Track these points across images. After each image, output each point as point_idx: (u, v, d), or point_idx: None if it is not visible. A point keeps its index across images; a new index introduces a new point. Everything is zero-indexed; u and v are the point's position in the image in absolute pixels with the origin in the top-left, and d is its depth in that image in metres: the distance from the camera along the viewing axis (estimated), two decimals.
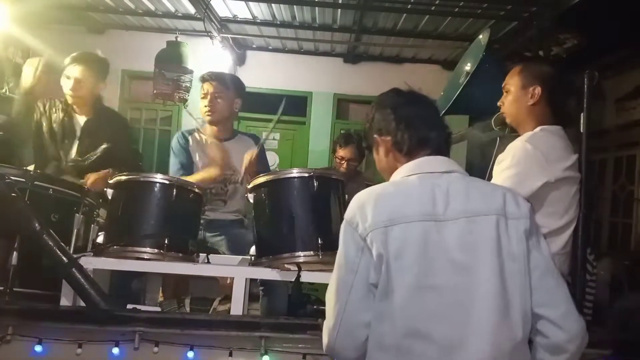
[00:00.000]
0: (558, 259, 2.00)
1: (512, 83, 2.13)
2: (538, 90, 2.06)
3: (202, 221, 2.28)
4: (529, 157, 1.93)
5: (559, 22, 4.67)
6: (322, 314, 2.63)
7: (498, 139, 2.90)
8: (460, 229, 1.29)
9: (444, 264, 1.27)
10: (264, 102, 5.50)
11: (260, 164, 2.63)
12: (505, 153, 2.02)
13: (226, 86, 2.76)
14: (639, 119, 6.61)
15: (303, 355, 1.85)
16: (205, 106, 2.74)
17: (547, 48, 5.01)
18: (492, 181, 2.04)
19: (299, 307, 2.58)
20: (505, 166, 1.97)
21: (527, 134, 2.03)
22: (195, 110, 5.88)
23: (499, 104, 2.20)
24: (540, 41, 4.96)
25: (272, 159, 6.63)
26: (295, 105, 6.52)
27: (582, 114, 2.08)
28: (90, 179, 2.60)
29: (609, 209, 6.42)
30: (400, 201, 1.33)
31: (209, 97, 2.73)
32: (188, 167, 2.72)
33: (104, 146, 2.75)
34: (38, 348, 1.80)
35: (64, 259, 1.85)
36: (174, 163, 2.75)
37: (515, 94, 2.12)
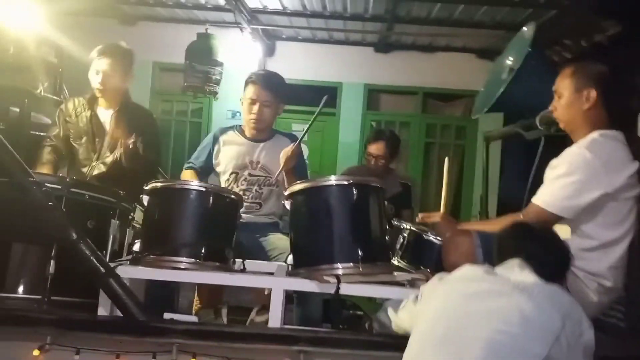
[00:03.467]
0: (612, 272, 1.89)
1: (565, 86, 2.00)
2: (593, 93, 1.93)
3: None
4: (587, 166, 1.82)
5: (600, 9, 4.46)
6: (357, 319, 2.59)
7: (542, 138, 2.78)
8: None
9: None
10: (294, 94, 5.43)
11: (297, 162, 2.55)
12: (561, 158, 1.91)
13: (275, 94, 2.64)
14: None
15: None
16: (252, 114, 2.62)
17: (589, 36, 4.80)
18: (544, 186, 1.94)
19: (334, 314, 2.53)
20: (561, 173, 1.86)
21: (585, 139, 1.90)
22: (226, 102, 5.90)
23: (550, 108, 2.08)
24: (581, 29, 4.75)
25: (302, 150, 6.57)
26: (329, 100, 6.43)
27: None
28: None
29: None
30: None
31: (257, 105, 2.61)
32: (202, 166, 2.70)
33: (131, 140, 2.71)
34: (76, 358, 1.80)
35: (101, 268, 1.83)
36: (195, 155, 2.74)
37: (568, 98, 1.99)
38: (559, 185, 1.86)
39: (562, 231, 1.93)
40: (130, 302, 1.81)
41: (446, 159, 2.47)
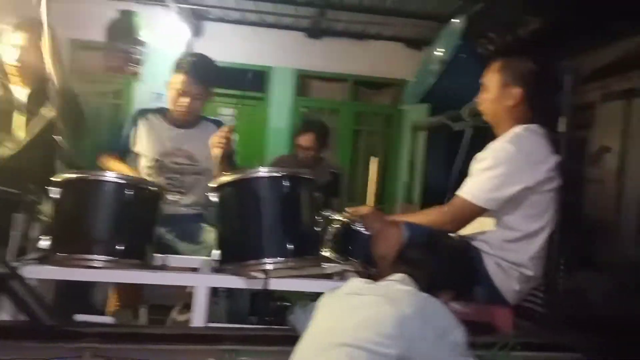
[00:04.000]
0: (533, 262, 1.96)
1: (492, 81, 2.04)
2: (518, 91, 1.98)
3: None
4: (510, 160, 1.86)
5: (524, 3, 4.62)
6: (285, 311, 2.54)
7: (468, 129, 2.84)
8: None
9: None
10: (223, 76, 5.25)
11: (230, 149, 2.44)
12: (485, 152, 1.94)
13: (207, 85, 2.49)
14: (593, 101, 6.78)
15: None
16: (180, 105, 2.45)
17: (513, 30, 4.97)
18: (469, 178, 1.97)
19: (262, 306, 2.47)
20: (486, 166, 1.89)
21: (509, 134, 1.95)
22: (151, 83, 5.61)
23: (476, 100, 2.12)
24: (506, 23, 4.91)
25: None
26: (254, 80, 6.28)
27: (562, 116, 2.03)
28: None
29: None
30: None
31: (186, 98, 2.44)
32: (123, 151, 2.54)
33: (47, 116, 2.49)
34: None
35: (2, 270, 1.65)
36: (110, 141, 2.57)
37: (494, 93, 2.03)
38: (483, 178, 1.89)
39: (487, 223, 1.97)
40: (36, 306, 1.65)
41: (372, 160, 2.46)
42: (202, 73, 2.45)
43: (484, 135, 2.48)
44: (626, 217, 6.87)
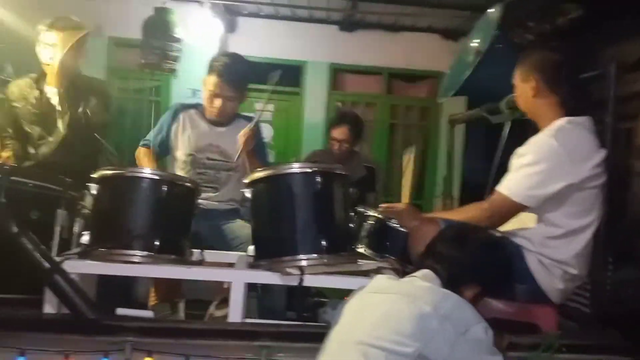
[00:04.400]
0: (578, 260, 1.89)
1: (516, 77, 2.02)
2: (534, 81, 1.92)
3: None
4: (553, 156, 1.79)
5: None
6: (322, 307, 2.53)
7: (507, 122, 2.76)
8: None
9: None
10: (256, 72, 5.28)
11: (257, 143, 2.45)
12: (527, 147, 1.87)
13: (240, 87, 2.50)
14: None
15: None
16: (214, 107, 2.48)
17: (551, 19, 4.81)
18: (509, 174, 1.91)
19: (298, 302, 2.47)
20: (527, 162, 1.83)
21: (552, 127, 1.87)
22: (186, 79, 5.69)
23: (509, 101, 2.08)
24: (544, 11, 4.75)
25: (267, 131, 6.44)
26: (289, 75, 6.28)
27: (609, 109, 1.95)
28: None
29: None
30: None
31: (219, 99, 2.47)
32: (159, 144, 2.57)
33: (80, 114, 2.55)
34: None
35: (46, 264, 1.69)
36: (153, 134, 2.59)
37: (519, 89, 2.02)
38: (524, 174, 1.83)
39: (529, 219, 1.91)
40: (78, 299, 1.69)
41: (408, 156, 2.41)
42: (235, 75, 2.46)
43: (523, 128, 2.42)
44: None
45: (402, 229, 2.21)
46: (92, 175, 1.87)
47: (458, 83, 2.76)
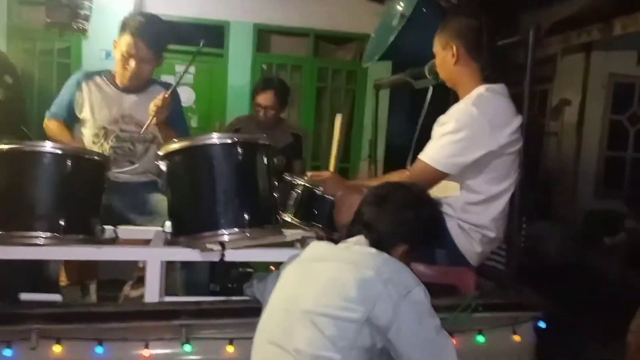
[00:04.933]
0: (495, 223, 1.94)
1: (436, 45, 2.01)
2: (454, 48, 1.93)
3: (106, 185, 1.95)
4: (474, 124, 1.80)
5: None
6: (247, 277, 2.48)
7: (430, 87, 2.77)
8: None
9: None
10: (176, 32, 4.99)
11: (172, 113, 2.28)
12: (448, 115, 1.88)
13: (157, 48, 2.29)
14: (554, 54, 6.81)
15: (230, 340, 1.69)
16: (127, 70, 2.27)
17: None
18: (431, 142, 1.91)
19: (222, 274, 2.41)
20: (449, 130, 1.83)
21: (472, 95, 1.88)
22: (98, 40, 5.32)
23: (433, 66, 2.07)
24: None
25: (188, 95, 6.18)
26: (212, 36, 6.01)
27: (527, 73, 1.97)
28: None
29: None
30: None
31: (133, 61, 2.25)
32: (66, 117, 2.37)
33: None
34: None
35: None
36: (58, 101, 2.36)
37: (439, 56, 2.01)
38: (445, 142, 1.84)
39: (452, 187, 1.93)
40: None
41: (338, 117, 2.36)
42: (152, 35, 2.26)
43: (446, 92, 2.42)
44: (584, 169, 7.04)
45: (328, 197, 2.18)
46: None
47: (383, 47, 2.71)
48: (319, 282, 1.39)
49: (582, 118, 6.60)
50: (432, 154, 1.85)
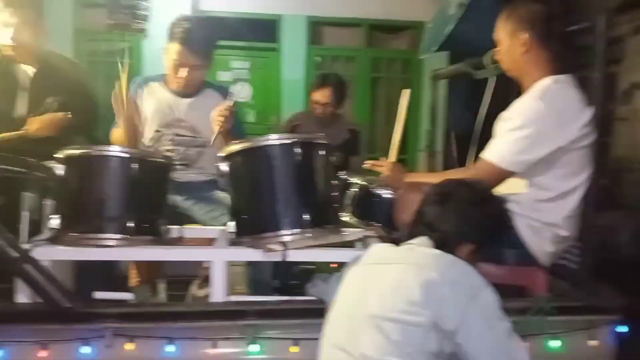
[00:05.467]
0: (568, 221, 1.84)
1: (501, 32, 1.89)
2: (525, 36, 1.81)
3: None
4: (540, 119, 1.71)
5: None
6: (308, 274, 2.49)
7: (492, 78, 2.67)
8: None
9: None
10: (227, 28, 5.04)
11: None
12: (512, 110, 1.79)
13: (205, 54, 2.28)
14: (622, 34, 6.41)
15: (294, 340, 1.70)
16: (179, 77, 2.27)
17: None
18: (494, 139, 1.83)
19: (285, 271, 2.43)
20: (514, 126, 1.75)
21: (538, 88, 1.78)
22: (157, 39, 5.48)
23: (493, 56, 1.97)
24: None
25: (246, 91, 6.26)
26: (265, 30, 6.06)
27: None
28: (34, 124, 2.30)
29: None
30: None
31: (184, 69, 2.25)
32: None
33: (53, 99, 2.40)
34: None
35: (13, 253, 1.60)
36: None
37: (505, 44, 1.89)
38: (510, 139, 1.76)
39: (517, 184, 1.85)
40: (51, 288, 1.61)
41: (404, 93, 2.25)
42: (199, 41, 2.25)
43: (507, 83, 2.32)
44: None
45: (386, 196, 2.15)
46: (56, 155, 1.75)
47: (440, 38, 2.63)
48: (382, 286, 1.36)
49: None
50: (497, 151, 1.78)
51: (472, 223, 1.48)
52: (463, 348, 1.29)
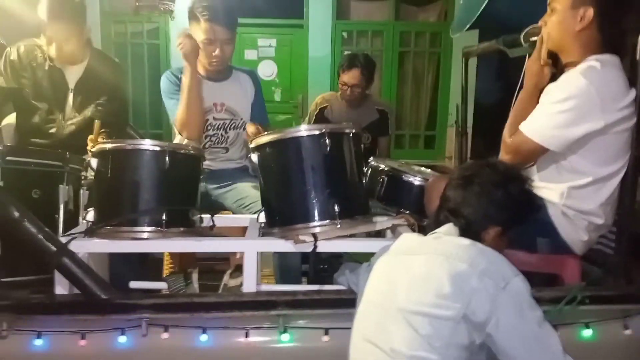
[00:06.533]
0: (604, 209, 1.79)
1: (560, 1, 1.77)
2: (590, 13, 1.71)
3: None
4: (583, 95, 1.64)
5: None
6: (337, 260, 2.50)
7: (527, 57, 2.57)
8: None
9: None
10: (251, 5, 4.99)
11: (256, 105, 2.39)
12: (557, 83, 1.72)
13: (233, 26, 2.28)
14: None
15: (325, 330, 1.72)
16: (214, 56, 2.26)
17: None
18: (535, 111, 1.76)
19: (314, 257, 2.44)
20: (555, 99, 1.68)
21: (582, 66, 1.70)
22: (184, 20, 5.48)
23: (540, 23, 1.86)
24: None
25: (272, 69, 6.23)
26: (291, 7, 5.98)
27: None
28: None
29: None
30: None
31: (216, 46, 2.24)
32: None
33: (97, 107, 2.44)
34: (38, 342, 1.67)
35: (52, 247, 1.65)
36: (173, 107, 2.31)
37: (561, 15, 1.77)
38: (551, 111, 1.69)
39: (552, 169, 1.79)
40: (88, 280, 1.66)
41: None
42: (225, 15, 2.24)
43: None
44: None
45: (415, 183, 2.13)
46: (89, 149, 1.79)
47: (473, 15, 2.55)
48: (411, 277, 1.35)
49: None
50: (534, 125, 1.71)
51: (497, 205, 1.44)
52: (493, 338, 1.27)
